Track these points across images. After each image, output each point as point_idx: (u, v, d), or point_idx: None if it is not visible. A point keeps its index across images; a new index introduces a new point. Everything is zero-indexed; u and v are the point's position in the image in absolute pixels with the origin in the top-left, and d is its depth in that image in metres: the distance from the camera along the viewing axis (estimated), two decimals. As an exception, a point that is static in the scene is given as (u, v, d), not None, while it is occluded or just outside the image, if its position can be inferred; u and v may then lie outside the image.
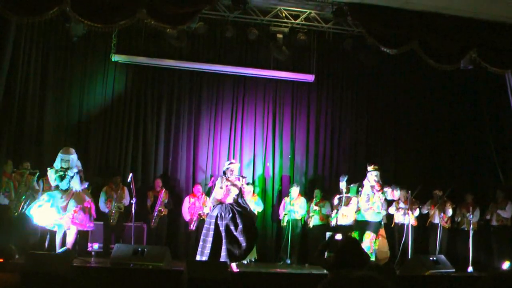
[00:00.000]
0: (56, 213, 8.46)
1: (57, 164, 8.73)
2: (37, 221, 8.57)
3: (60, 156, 8.75)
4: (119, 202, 10.50)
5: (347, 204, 10.29)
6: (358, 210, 9.73)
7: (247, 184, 10.85)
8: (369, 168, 9.69)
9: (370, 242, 9.46)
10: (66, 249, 8.25)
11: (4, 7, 8.35)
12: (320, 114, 12.54)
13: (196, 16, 9.90)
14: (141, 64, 11.70)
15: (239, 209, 8.66)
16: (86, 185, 8.97)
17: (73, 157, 8.80)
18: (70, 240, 8.63)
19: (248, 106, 12.25)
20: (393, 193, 9.78)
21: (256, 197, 11.30)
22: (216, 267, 7.42)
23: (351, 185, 10.15)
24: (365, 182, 9.68)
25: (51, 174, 8.71)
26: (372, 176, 9.61)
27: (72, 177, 8.64)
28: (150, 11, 9.00)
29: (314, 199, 11.29)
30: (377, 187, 9.54)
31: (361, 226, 9.61)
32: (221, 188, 8.86)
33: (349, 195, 10.25)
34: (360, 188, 9.77)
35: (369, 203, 9.55)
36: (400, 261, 10.19)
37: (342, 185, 10.29)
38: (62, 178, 8.63)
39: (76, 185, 8.66)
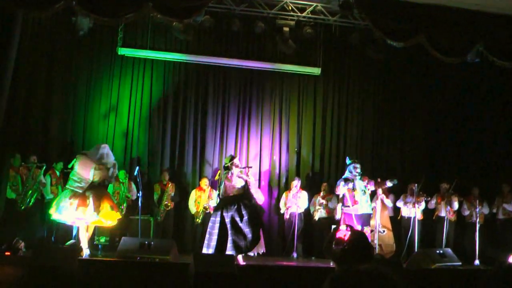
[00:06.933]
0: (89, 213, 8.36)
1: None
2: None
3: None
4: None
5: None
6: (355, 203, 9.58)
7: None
8: (356, 163, 9.54)
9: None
10: (73, 243, 8.29)
11: (10, 2, 8.36)
12: (327, 107, 12.52)
13: (203, 10, 9.89)
14: (147, 57, 11.73)
15: (244, 200, 8.65)
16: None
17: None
18: (89, 234, 8.63)
19: (255, 99, 12.24)
20: (338, 188, 9.65)
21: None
22: (222, 260, 7.43)
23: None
24: (351, 176, 9.55)
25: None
26: (357, 169, 9.55)
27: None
28: (156, 5, 8.99)
29: (322, 192, 11.28)
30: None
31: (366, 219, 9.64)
32: (229, 178, 8.78)
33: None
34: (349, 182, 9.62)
35: (365, 196, 9.58)
36: (407, 255, 10.18)
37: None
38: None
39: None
